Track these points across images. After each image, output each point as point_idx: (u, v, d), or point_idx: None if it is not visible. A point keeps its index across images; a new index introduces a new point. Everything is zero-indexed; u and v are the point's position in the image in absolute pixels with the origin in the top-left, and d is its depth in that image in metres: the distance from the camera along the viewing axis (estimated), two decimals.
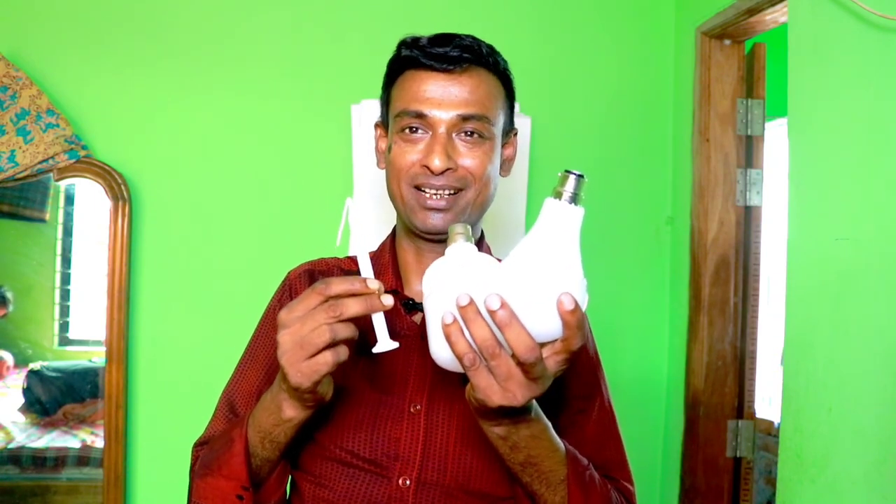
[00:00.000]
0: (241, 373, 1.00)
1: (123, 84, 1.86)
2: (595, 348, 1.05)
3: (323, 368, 0.73)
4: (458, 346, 0.67)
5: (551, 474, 0.81)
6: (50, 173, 1.79)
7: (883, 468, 1.21)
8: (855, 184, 1.32)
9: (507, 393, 0.69)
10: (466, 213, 0.94)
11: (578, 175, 0.69)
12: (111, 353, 1.80)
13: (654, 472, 2.09)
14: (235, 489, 0.84)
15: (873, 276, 1.26)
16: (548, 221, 0.69)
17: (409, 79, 0.94)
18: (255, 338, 1.03)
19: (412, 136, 0.92)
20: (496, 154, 0.95)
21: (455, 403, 0.91)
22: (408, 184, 0.93)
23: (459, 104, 0.91)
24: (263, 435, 0.84)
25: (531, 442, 0.79)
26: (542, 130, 1.98)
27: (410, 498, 0.88)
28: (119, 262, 1.80)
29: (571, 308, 0.65)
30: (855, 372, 1.29)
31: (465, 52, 0.91)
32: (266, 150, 1.92)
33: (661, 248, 2.10)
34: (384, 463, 0.89)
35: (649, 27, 2.09)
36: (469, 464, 0.88)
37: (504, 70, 0.97)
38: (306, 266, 1.05)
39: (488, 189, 0.95)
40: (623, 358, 2.07)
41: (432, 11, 1.99)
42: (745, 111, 1.93)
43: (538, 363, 0.67)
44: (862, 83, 1.31)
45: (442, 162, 0.90)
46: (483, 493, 0.89)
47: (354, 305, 0.73)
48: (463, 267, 0.71)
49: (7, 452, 1.87)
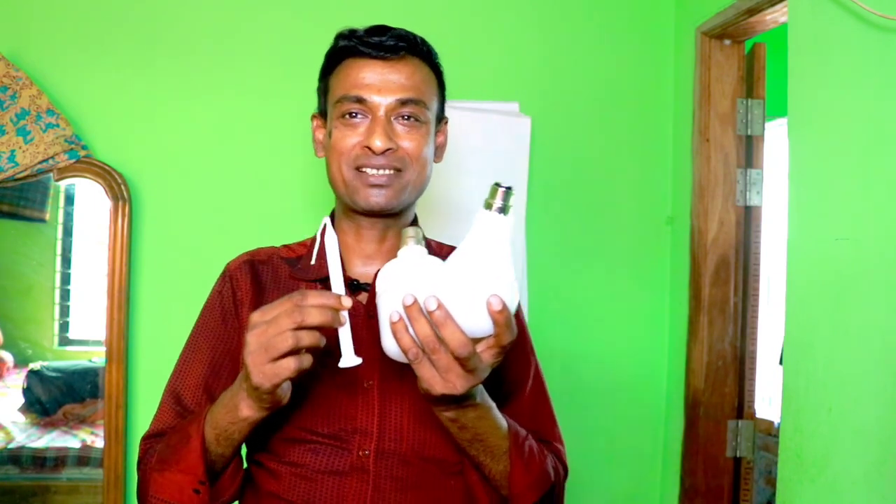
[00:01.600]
0: (185, 365, 1.02)
1: (123, 84, 1.86)
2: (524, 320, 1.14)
3: (284, 373, 0.77)
4: (403, 341, 0.75)
5: (495, 448, 0.91)
6: (50, 173, 1.79)
7: (883, 468, 1.21)
8: (855, 184, 1.32)
9: (448, 383, 0.77)
10: (406, 192, 0.99)
11: (507, 188, 0.76)
12: (111, 353, 1.80)
13: (654, 472, 2.09)
14: (192, 483, 0.88)
15: (873, 276, 1.26)
16: (479, 230, 0.77)
17: (347, 67, 0.99)
18: (197, 330, 1.05)
19: (352, 120, 0.97)
20: (431, 138, 1.01)
21: (405, 377, 0.95)
22: (349, 166, 0.97)
23: (397, 89, 0.96)
24: (219, 432, 0.87)
25: (477, 422, 0.88)
26: (542, 130, 1.98)
27: (371, 466, 0.94)
28: (119, 262, 1.80)
29: (499, 308, 0.73)
30: (855, 372, 1.29)
31: (400, 41, 0.98)
32: (266, 150, 1.92)
33: (661, 248, 2.10)
34: (343, 437, 0.95)
35: (649, 27, 2.09)
36: (423, 433, 0.96)
37: (436, 61, 1.04)
38: (245, 256, 1.08)
39: (425, 171, 1.00)
40: (623, 358, 2.07)
41: (432, 12, 1.99)
42: (745, 111, 1.93)
43: (472, 357, 0.75)
44: (862, 83, 1.31)
45: (383, 142, 0.94)
46: (437, 459, 0.96)
47: (316, 315, 0.77)
48: (412, 269, 0.80)
49: (7, 452, 1.87)
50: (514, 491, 0.92)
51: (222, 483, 0.92)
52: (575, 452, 2.05)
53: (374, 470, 0.94)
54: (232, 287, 1.04)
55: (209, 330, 1.03)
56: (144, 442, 1.00)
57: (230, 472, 0.93)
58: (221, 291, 1.05)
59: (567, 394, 2.04)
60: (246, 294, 1.02)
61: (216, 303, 1.04)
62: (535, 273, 2.01)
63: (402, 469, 0.95)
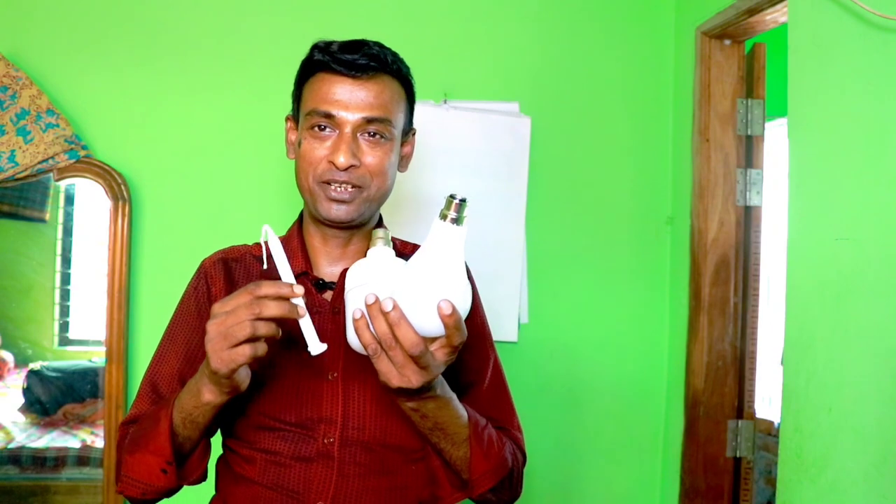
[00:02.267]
0: (162, 355, 1.09)
1: (123, 84, 1.86)
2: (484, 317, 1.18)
3: (240, 359, 0.83)
4: (364, 337, 0.83)
5: (455, 436, 0.97)
6: (50, 173, 1.79)
7: (883, 468, 1.21)
8: (855, 184, 1.32)
9: (404, 377, 0.84)
10: (365, 206, 1.04)
11: (461, 200, 0.83)
12: (111, 353, 1.80)
13: (654, 472, 2.09)
14: (160, 464, 0.94)
15: (873, 276, 1.26)
16: (434, 239, 0.84)
17: (319, 80, 1.03)
18: (174, 322, 1.11)
19: (320, 133, 1.02)
20: (395, 152, 1.06)
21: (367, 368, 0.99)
22: (315, 179, 1.03)
23: (364, 107, 1.01)
24: (185, 416, 0.93)
25: (437, 412, 0.94)
26: (542, 130, 1.98)
27: (336, 452, 1.01)
28: (119, 262, 1.80)
29: (449, 312, 0.80)
30: (855, 372, 1.29)
31: (371, 60, 1.01)
32: (266, 149, 1.92)
33: (661, 248, 2.10)
34: (309, 425, 1.01)
35: (649, 27, 2.09)
36: (385, 422, 1.02)
37: (406, 76, 1.08)
38: (220, 254, 1.15)
39: (386, 184, 1.06)
40: (623, 358, 2.07)
41: (432, 13, 1.99)
42: (745, 111, 1.93)
43: (424, 355, 0.82)
44: (862, 83, 1.31)
45: (346, 159, 0.99)
46: (398, 446, 1.03)
47: (273, 308, 0.82)
48: (377, 269, 0.86)
49: (7, 452, 1.87)
50: (474, 476, 0.99)
51: (190, 464, 0.99)
52: (575, 452, 2.07)
53: (339, 456, 1.00)
54: (206, 283, 1.10)
55: (184, 323, 1.10)
56: (122, 428, 1.06)
57: (198, 455, 0.99)
58: (196, 287, 1.11)
59: (567, 393, 2.05)
60: (219, 290, 1.08)
61: (191, 297, 1.11)
62: (535, 273, 2.01)
63: (365, 455, 1.01)
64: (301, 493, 1.00)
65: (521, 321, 1.99)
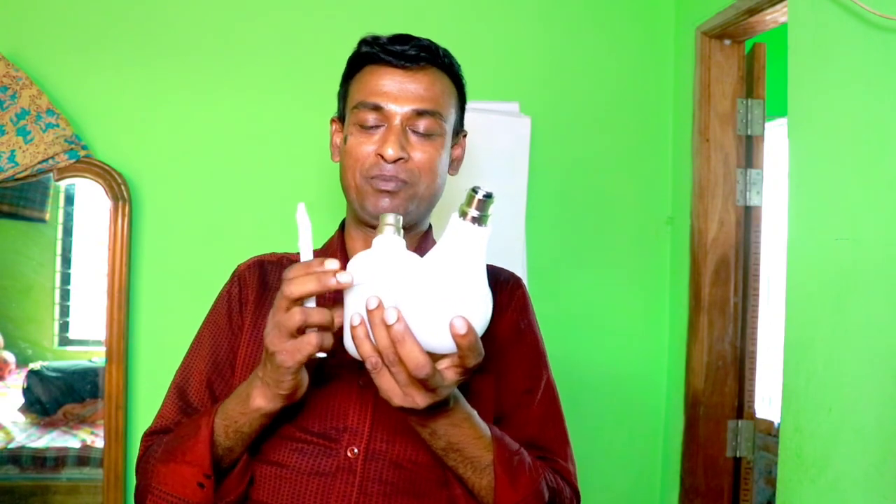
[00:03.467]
0: (190, 362, 1.03)
1: (123, 84, 1.86)
2: (537, 328, 1.09)
3: (308, 348, 0.75)
4: (363, 348, 0.71)
5: (476, 460, 0.85)
6: (50, 173, 1.79)
7: (883, 468, 1.21)
8: (855, 184, 1.32)
9: (408, 397, 0.73)
10: (415, 204, 0.98)
11: (485, 195, 0.68)
12: (111, 353, 1.80)
13: (654, 472, 2.09)
14: (197, 476, 0.85)
15: (873, 276, 1.26)
16: (452, 239, 0.70)
17: (367, 73, 0.98)
18: (203, 328, 1.05)
19: (368, 128, 0.96)
20: (446, 151, 1.00)
21: None
22: (362, 175, 0.96)
23: (414, 99, 0.95)
24: (229, 423, 0.85)
25: (450, 430, 0.82)
26: (542, 130, 1.98)
27: (359, 467, 0.90)
28: (119, 262, 1.80)
29: (463, 332, 0.67)
30: (855, 372, 1.29)
31: (422, 51, 0.96)
32: (266, 149, 1.92)
33: (661, 248, 2.10)
34: (333, 435, 0.92)
35: (649, 27, 2.09)
36: (416, 436, 0.88)
37: (458, 73, 1.02)
38: (256, 259, 1.10)
39: (436, 183, 0.99)
40: (623, 358, 2.07)
41: (433, 12, 1.99)
42: (745, 111, 1.93)
43: (432, 377, 0.70)
44: (862, 83, 1.31)
45: (395, 151, 0.94)
46: (430, 465, 0.91)
47: (305, 283, 0.73)
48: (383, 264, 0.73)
49: (7, 452, 1.87)
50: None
51: (229, 483, 0.90)
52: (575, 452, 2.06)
53: (362, 472, 0.90)
54: (239, 286, 1.05)
55: (214, 328, 1.04)
56: (147, 438, 0.99)
57: (238, 472, 0.90)
58: (230, 291, 1.06)
59: (567, 394, 2.03)
60: (251, 293, 1.03)
61: (223, 302, 1.06)
62: (534, 273, 2.01)
63: (392, 473, 0.91)
64: None
65: None
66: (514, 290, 1.10)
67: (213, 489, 0.86)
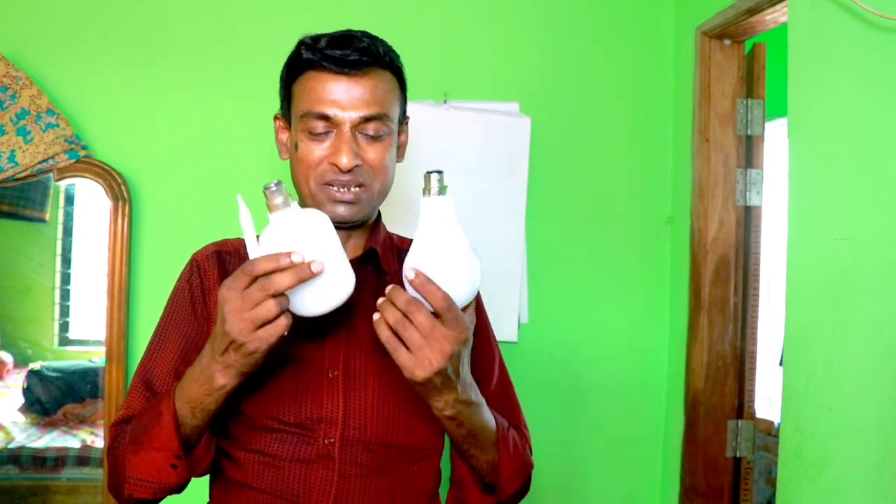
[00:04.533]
0: (155, 352, 1.05)
1: (123, 84, 1.86)
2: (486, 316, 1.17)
3: (280, 330, 0.82)
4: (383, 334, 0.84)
5: (486, 441, 0.98)
6: (50, 173, 1.79)
7: (883, 468, 1.21)
8: (855, 184, 1.32)
9: (424, 361, 0.83)
10: (370, 204, 1.03)
11: (437, 172, 0.87)
12: (111, 353, 1.80)
13: (654, 472, 2.09)
14: (169, 459, 0.90)
15: (873, 276, 1.26)
16: (428, 215, 0.87)
17: (311, 80, 1.00)
18: (166, 318, 1.08)
19: (318, 135, 0.99)
20: (394, 146, 1.04)
21: (369, 366, 1.01)
22: (317, 181, 1.00)
23: (361, 105, 0.98)
24: (194, 405, 0.90)
25: (473, 419, 0.95)
26: (542, 130, 1.98)
27: (336, 453, 0.98)
28: (119, 262, 1.80)
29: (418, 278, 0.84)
30: (855, 372, 1.29)
31: (363, 54, 0.98)
32: (266, 149, 1.92)
33: (661, 248, 2.10)
34: (309, 425, 0.98)
35: (649, 27, 2.09)
36: (387, 421, 1.00)
37: (398, 66, 1.05)
38: (212, 247, 1.11)
39: (388, 178, 1.04)
40: (623, 358, 2.07)
41: (432, 13, 1.99)
42: (745, 111, 1.93)
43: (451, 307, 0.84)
44: (862, 83, 1.31)
45: (349, 160, 0.97)
46: (400, 446, 1.01)
47: (287, 279, 0.81)
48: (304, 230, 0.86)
49: (7, 452, 1.87)
50: (502, 479, 1.00)
51: (195, 456, 0.95)
52: (575, 452, 2.07)
53: (340, 457, 0.97)
54: (200, 276, 1.07)
55: (178, 318, 1.06)
56: (114, 428, 1.02)
57: (202, 446, 0.95)
58: (189, 280, 1.08)
59: (567, 394, 2.05)
60: (213, 283, 1.05)
61: (185, 291, 1.07)
62: (534, 273, 2.01)
63: (366, 456, 0.99)
64: (301, 497, 0.97)
65: (521, 321, 1.99)
66: None
67: (185, 467, 0.92)
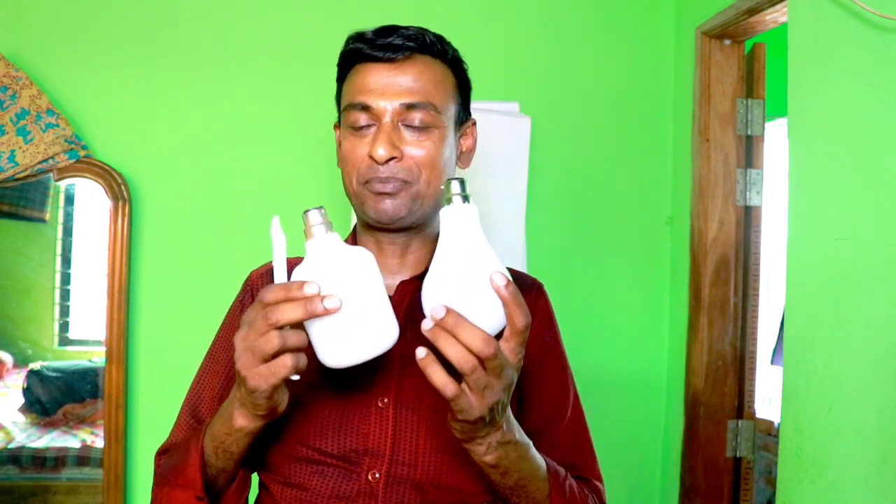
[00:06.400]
0: (202, 378, 0.99)
1: (123, 84, 1.86)
2: (561, 341, 1.06)
3: (282, 371, 0.71)
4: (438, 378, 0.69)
5: (537, 492, 0.84)
6: (50, 173, 1.79)
7: (883, 468, 1.21)
8: (855, 184, 1.32)
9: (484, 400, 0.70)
10: (417, 203, 0.91)
11: (458, 180, 0.74)
12: (111, 353, 1.80)
13: (654, 472, 2.09)
14: (190, 499, 0.83)
15: (873, 276, 1.26)
16: (452, 225, 0.74)
17: (355, 72, 0.93)
18: (217, 341, 1.01)
19: (360, 129, 0.91)
20: (447, 144, 0.93)
21: (423, 396, 0.90)
22: (359, 180, 0.91)
23: (402, 93, 0.89)
24: (217, 444, 0.82)
25: (519, 464, 0.81)
26: (542, 130, 1.98)
27: (381, 492, 0.87)
28: (119, 262, 1.80)
29: (504, 283, 0.68)
30: (855, 372, 1.29)
31: (408, 40, 0.91)
32: (266, 149, 1.92)
33: (661, 248, 2.10)
34: (353, 458, 0.88)
35: (649, 27, 2.09)
36: (440, 458, 0.88)
37: (454, 57, 0.96)
38: (269, 265, 1.03)
39: (440, 179, 0.92)
40: (623, 358, 2.07)
41: (432, 13, 1.99)
42: (745, 111, 1.93)
43: (497, 355, 0.68)
44: (862, 83, 1.31)
45: (386, 150, 0.88)
46: (454, 488, 0.88)
47: (290, 311, 0.69)
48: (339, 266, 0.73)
49: (7, 452, 1.87)
50: None
51: (227, 499, 0.87)
52: None
53: (384, 496, 0.86)
54: (252, 296, 0.99)
55: (228, 342, 0.98)
56: (157, 457, 0.97)
57: (235, 488, 0.88)
58: (243, 300, 1.00)
59: None
60: None
61: (237, 313, 1.00)
62: (534, 273, 2.00)
63: (414, 496, 0.87)
64: None
65: None
66: (538, 299, 1.04)
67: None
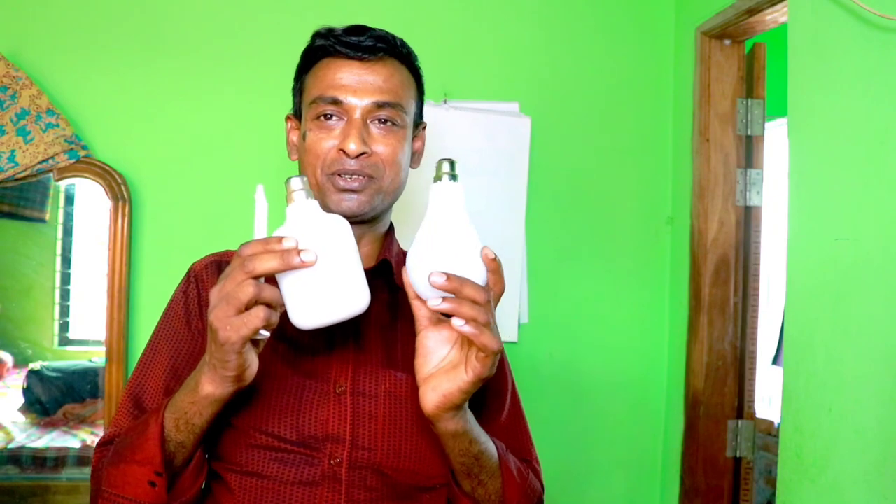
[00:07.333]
0: (146, 367, 0.98)
1: (123, 84, 1.86)
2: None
3: (255, 322, 0.71)
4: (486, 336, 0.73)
5: (491, 462, 0.88)
6: (50, 173, 1.79)
7: (883, 468, 1.21)
8: (855, 184, 1.32)
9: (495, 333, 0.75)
10: (378, 198, 0.95)
11: (448, 160, 0.79)
12: (111, 353, 1.80)
13: (654, 472, 2.09)
14: (148, 474, 0.81)
15: (873, 276, 1.26)
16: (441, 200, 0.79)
17: (324, 67, 0.96)
18: (159, 331, 1.01)
19: (327, 122, 0.94)
20: (408, 143, 0.98)
21: (380, 382, 0.93)
22: (324, 172, 0.94)
23: (374, 91, 0.93)
24: (179, 416, 0.81)
25: (478, 430, 0.85)
26: (542, 130, 1.98)
27: (344, 475, 0.89)
28: (119, 262, 1.80)
29: (493, 257, 0.76)
30: (855, 372, 1.29)
31: (379, 41, 0.95)
32: (266, 149, 1.92)
33: (661, 248, 2.10)
34: (313, 444, 0.89)
35: (649, 27, 2.09)
36: (398, 443, 0.91)
37: (415, 64, 1.00)
38: (212, 257, 1.05)
39: (399, 177, 0.97)
40: (623, 358, 2.07)
41: (433, 13, 1.99)
42: (745, 111, 1.93)
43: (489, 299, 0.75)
44: (862, 83, 1.31)
45: (357, 146, 0.91)
46: (412, 471, 0.91)
47: (267, 261, 0.71)
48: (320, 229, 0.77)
49: (7, 452, 1.87)
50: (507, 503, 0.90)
51: (182, 482, 0.85)
52: (575, 453, 2.07)
53: (347, 479, 0.89)
54: (197, 287, 1.00)
55: (171, 331, 1.00)
56: (100, 449, 0.93)
57: (191, 470, 0.86)
58: (186, 292, 1.01)
59: (567, 394, 2.05)
60: None
61: (180, 304, 1.01)
62: (534, 273, 2.01)
63: (376, 479, 0.90)
64: None
65: (521, 321, 1.99)
66: None
67: (165, 488, 0.82)
